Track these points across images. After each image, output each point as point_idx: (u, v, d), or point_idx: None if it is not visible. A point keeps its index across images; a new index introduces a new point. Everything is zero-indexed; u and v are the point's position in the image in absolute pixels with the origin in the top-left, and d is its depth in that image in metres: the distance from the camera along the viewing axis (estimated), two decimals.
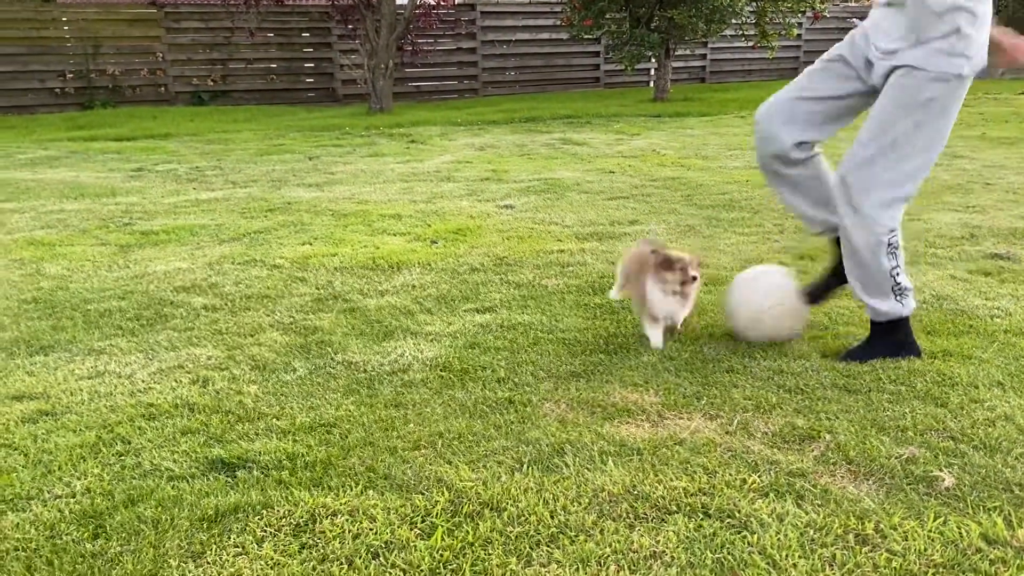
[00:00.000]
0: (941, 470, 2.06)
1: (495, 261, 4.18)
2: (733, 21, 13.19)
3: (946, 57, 2.53)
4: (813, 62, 2.93)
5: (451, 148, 8.74)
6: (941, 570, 1.70)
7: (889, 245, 2.68)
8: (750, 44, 14.34)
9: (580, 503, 1.97)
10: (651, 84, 14.75)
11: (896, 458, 2.12)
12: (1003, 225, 4.56)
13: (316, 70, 14.91)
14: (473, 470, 2.14)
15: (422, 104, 14.50)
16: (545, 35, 16.56)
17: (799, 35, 16.48)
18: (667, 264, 2.89)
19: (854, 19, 18.06)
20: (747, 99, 12.85)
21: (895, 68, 2.61)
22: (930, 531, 1.82)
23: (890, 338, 2.78)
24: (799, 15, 13.96)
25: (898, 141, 2.61)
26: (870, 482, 2.04)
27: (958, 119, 2.71)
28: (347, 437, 2.33)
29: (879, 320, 2.79)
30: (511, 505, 1.96)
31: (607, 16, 13.31)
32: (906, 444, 2.20)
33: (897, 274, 2.71)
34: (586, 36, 13.80)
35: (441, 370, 2.81)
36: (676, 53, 14.19)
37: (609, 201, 5.73)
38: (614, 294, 3.43)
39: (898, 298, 2.74)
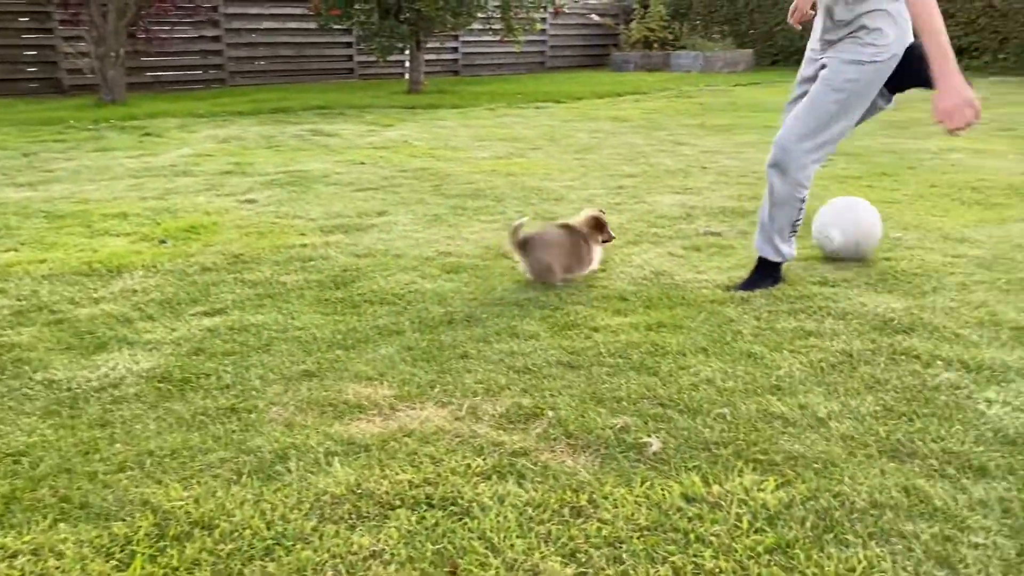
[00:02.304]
0: (649, 436, 2.19)
1: (230, 259, 3.95)
2: (479, 15, 13.45)
3: (858, 47, 3.11)
4: (557, 56, 3.08)
5: (191, 141, 8.18)
6: (646, 533, 1.79)
7: (801, 201, 3.33)
8: (498, 38, 14.73)
9: (300, 509, 1.89)
10: (406, 76, 14.70)
11: (611, 428, 2.23)
12: (715, 205, 5.00)
13: (38, 58, 13.36)
14: (185, 488, 1.98)
15: (162, 95, 13.46)
16: (294, 24, 15.99)
17: (543, 30, 17.15)
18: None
19: (593, 15, 19.13)
20: (496, 92, 13.20)
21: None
22: (637, 496, 1.92)
23: (774, 273, 3.45)
24: (541, 10, 14.51)
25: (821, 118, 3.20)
26: (587, 454, 2.12)
27: (682, 109, 2.91)
28: (38, 466, 2.07)
29: (773, 260, 3.41)
30: (224, 521, 1.83)
31: (356, 6, 13.08)
32: (620, 414, 2.32)
33: (797, 225, 3.37)
34: (335, 26, 13.49)
35: (159, 381, 2.59)
36: (428, 45, 14.26)
37: (358, 192, 5.62)
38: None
39: (790, 246, 3.41)
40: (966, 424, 2.22)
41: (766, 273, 3.44)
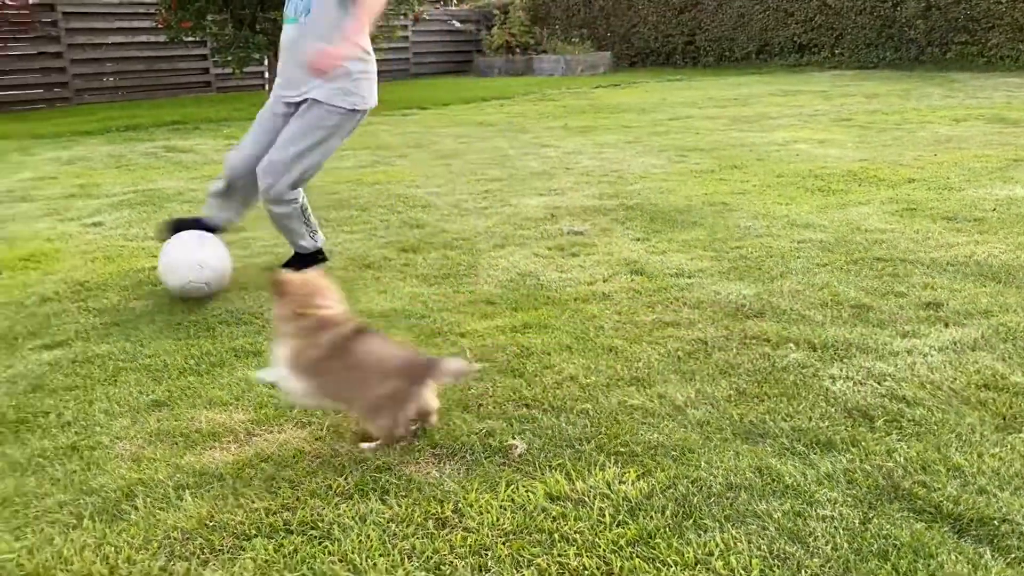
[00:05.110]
0: (514, 438, 2.18)
1: (73, 288, 3.70)
2: None
3: (342, 96, 3.60)
4: (421, 63, 3.10)
5: (31, 164, 7.66)
6: (511, 537, 1.78)
7: (302, 212, 3.80)
8: None
9: (148, 549, 1.77)
10: (266, 87, 14.28)
11: (476, 434, 2.21)
12: (577, 204, 5.08)
13: None
14: (18, 538, 1.82)
15: None
16: (144, 37, 15.29)
17: (405, 36, 17.04)
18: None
19: (454, 21, 19.19)
20: None
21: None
22: (503, 500, 1.91)
23: (309, 261, 3.85)
24: (401, 17, 14.41)
25: (302, 151, 3.65)
26: (453, 462, 2.09)
27: (546, 112, 2.93)
28: None
29: (304, 252, 3.88)
30: (62, 570, 1.70)
31: (208, 18, 12.61)
32: (486, 419, 2.30)
33: (308, 222, 3.86)
34: (187, 39, 12.96)
35: None
36: None
37: None
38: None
39: (312, 237, 3.89)
40: (812, 401, 2.33)
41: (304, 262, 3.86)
